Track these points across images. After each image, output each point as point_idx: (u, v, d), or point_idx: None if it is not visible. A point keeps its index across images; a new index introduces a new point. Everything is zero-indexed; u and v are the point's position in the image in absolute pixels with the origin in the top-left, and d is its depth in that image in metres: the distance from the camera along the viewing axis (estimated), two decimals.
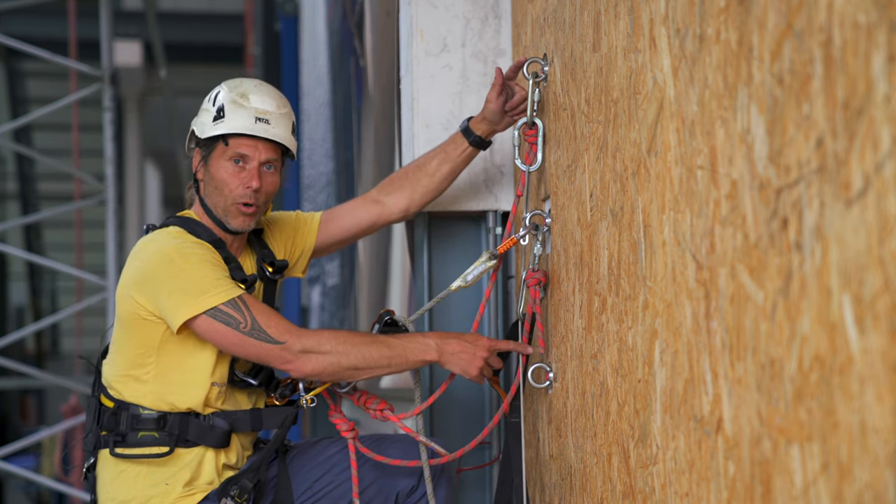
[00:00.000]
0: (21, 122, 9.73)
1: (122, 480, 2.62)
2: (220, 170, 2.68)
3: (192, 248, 2.60)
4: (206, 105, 2.73)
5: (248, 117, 2.69)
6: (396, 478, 2.73)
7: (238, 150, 2.67)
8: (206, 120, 2.70)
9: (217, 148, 2.68)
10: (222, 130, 2.67)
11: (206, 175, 2.70)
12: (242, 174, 2.67)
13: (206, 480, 2.63)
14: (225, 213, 2.69)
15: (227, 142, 2.68)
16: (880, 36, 1.18)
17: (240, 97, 2.70)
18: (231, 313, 2.54)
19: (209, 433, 2.62)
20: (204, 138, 2.69)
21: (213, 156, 2.69)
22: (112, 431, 2.62)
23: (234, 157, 2.67)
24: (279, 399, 2.73)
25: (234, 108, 2.69)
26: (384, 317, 2.67)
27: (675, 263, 1.77)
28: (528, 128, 2.64)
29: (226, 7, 11.64)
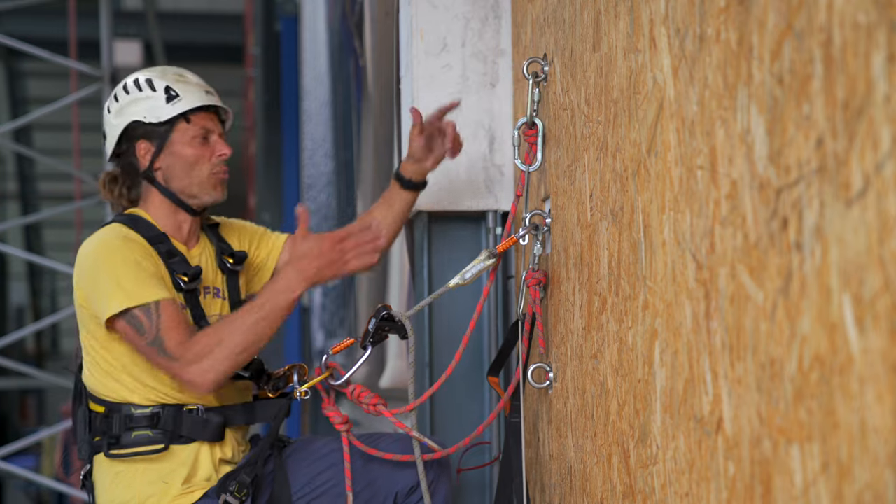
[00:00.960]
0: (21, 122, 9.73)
1: (120, 482, 2.61)
2: (187, 148, 2.71)
3: (121, 247, 2.59)
4: (140, 94, 2.72)
5: (199, 92, 2.75)
6: (395, 478, 2.73)
7: (204, 124, 2.73)
8: (156, 104, 2.70)
9: (177, 128, 2.71)
10: (184, 107, 2.70)
11: (168, 159, 2.71)
12: (210, 145, 2.74)
13: (204, 477, 2.63)
14: (200, 189, 2.73)
15: (188, 119, 2.71)
16: (880, 36, 1.18)
17: (178, 77, 2.75)
18: (142, 319, 2.55)
19: (203, 428, 2.63)
20: (158, 123, 2.69)
21: (174, 139, 2.71)
22: (105, 434, 2.62)
23: (199, 133, 2.72)
24: (272, 391, 2.73)
25: (183, 85, 2.74)
26: (381, 311, 2.67)
27: (675, 263, 1.77)
28: (528, 128, 2.64)
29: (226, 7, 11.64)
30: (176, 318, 2.55)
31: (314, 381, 2.69)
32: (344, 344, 2.73)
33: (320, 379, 2.69)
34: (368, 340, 2.66)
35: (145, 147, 2.72)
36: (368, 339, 2.66)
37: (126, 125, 2.72)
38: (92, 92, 8.29)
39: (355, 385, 2.71)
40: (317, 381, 2.69)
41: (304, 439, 2.83)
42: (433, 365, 3.08)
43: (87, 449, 2.64)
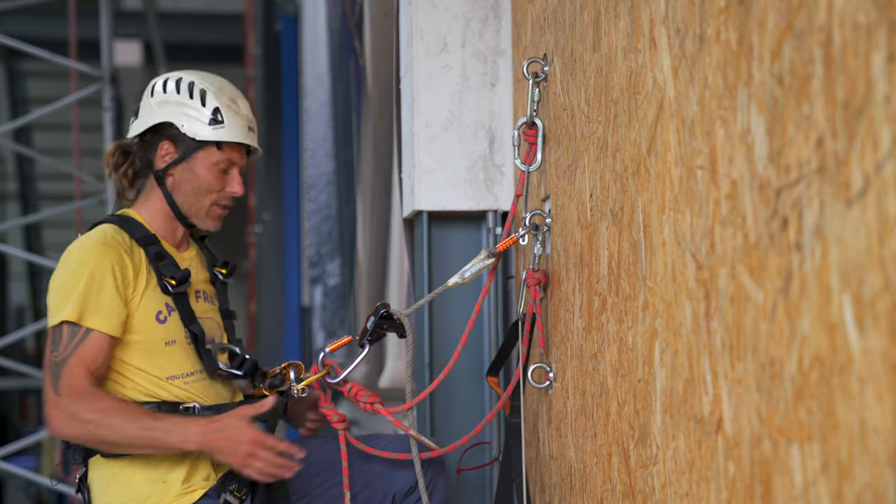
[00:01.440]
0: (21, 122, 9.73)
1: (117, 483, 2.59)
2: (205, 172, 2.70)
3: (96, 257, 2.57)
4: (189, 101, 2.70)
5: (243, 126, 2.74)
6: (393, 478, 2.73)
7: (231, 157, 2.72)
8: (199, 120, 2.69)
9: (206, 150, 2.70)
10: (224, 137, 2.69)
11: (184, 173, 2.70)
12: (227, 178, 2.73)
13: (203, 476, 2.63)
14: (200, 213, 2.73)
15: (220, 146, 2.69)
16: (880, 36, 1.18)
17: (231, 102, 2.73)
18: (63, 338, 2.52)
19: None
20: (192, 138, 2.68)
21: (198, 157, 2.70)
22: None
23: (221, 163, 2.70)
24: (267, 389, 2.72)
25: (231, 114, 2.72)
26: (380, 310, 2.67)
27: (675, 263, 1.77)
28: (528, 128, 2.64)
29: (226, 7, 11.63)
30: (92, 356, 2.51)
31: (311, 379, 2.68)
32: (341, 342, 2.72)
33: (317, 377, 2.69)
34: (367, 339, 2.66)
35: (167, 149, 2.71)
36: (366, 337, 2.66)
37: (161, 121, 2.70)
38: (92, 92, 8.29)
39: (352, 383, 2.70)
40: (313, 378, 2.68)
41: (300, 440, 2.82)
42: (433, 365, 3.08)
43: (82, 451, 2.62)
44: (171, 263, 2.67)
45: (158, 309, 2.62)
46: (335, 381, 2.69)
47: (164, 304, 2.63)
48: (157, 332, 2.61)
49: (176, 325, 2.64)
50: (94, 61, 8.58)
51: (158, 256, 2.66)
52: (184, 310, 2.66)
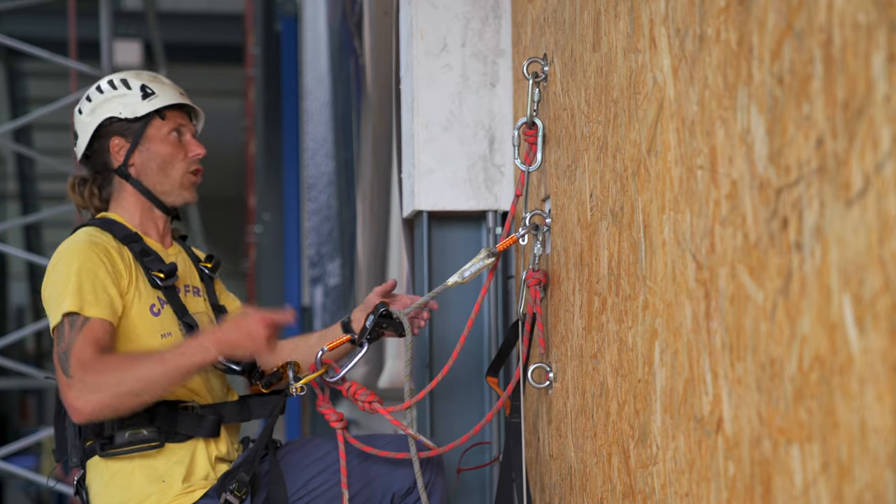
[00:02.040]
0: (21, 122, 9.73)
1: (116, 483, 2.59)
2: (161, 144, 2.74)
3: (83, 253, 2.57)
4: (115, 93, 2.74)
5: (174, 91, 2.80)
6: (391, 478, 2.72)
7: (178, 122, 2.76)
8: (132, 101, 2.73)
9: (152, 125, 2.74)
10: (160, 103, 2.74)
11: (143, 155, 2.73)
12: (184, 144, 2.77)
13: (202, 475, 2.62)
14: (173, 187, 2.75)
15: (163, 116, 2.75)
16: (880, 36, 1.18)
17: (153, 78, 2.80)
18: (65, 329, 2.51)
19: (199, 424, 2.62)
20: (135, 118, 2.71)
21: (148, 134, 2.74)
22: (98, 436, 2.59)
23: (173, 129, 2.75)
24: (265, 386, 2.72)
25: (158, 84, 2.78)
26: (379, 308, 2.67)
27: (675, 263, 1.77)
28: (528, 128, 2.64)
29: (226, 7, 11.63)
30: (95, 336, 2.49)
31: (309, 378, 2.68)
32: (339, 340, 2.72)
33: (315, 376, 2.68)
34: (365, 337, 2.66)
35: (119, 143, 2.73)
36: (365, 335, 2.66)
37: (100, 122, 2.73)
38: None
39: (351, 382, 2.70)
40: (312, 377, 2.68)
41: (296, 441, 2.82)
42: (433, 365, 3.08)
43: (79, 454, 2.61)
44: (156, 258, 2.68)
45: (151, 302, 2.63)
46: (333, 380, 2.69)
47: (155, 298, 2.64)
48: (152, 325, 2.61)
49: (170, 317, 2.64)
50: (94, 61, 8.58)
51: (143, 253, 2.67)
52: (175, 303, 2.67)
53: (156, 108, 2.72)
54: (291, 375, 2.70)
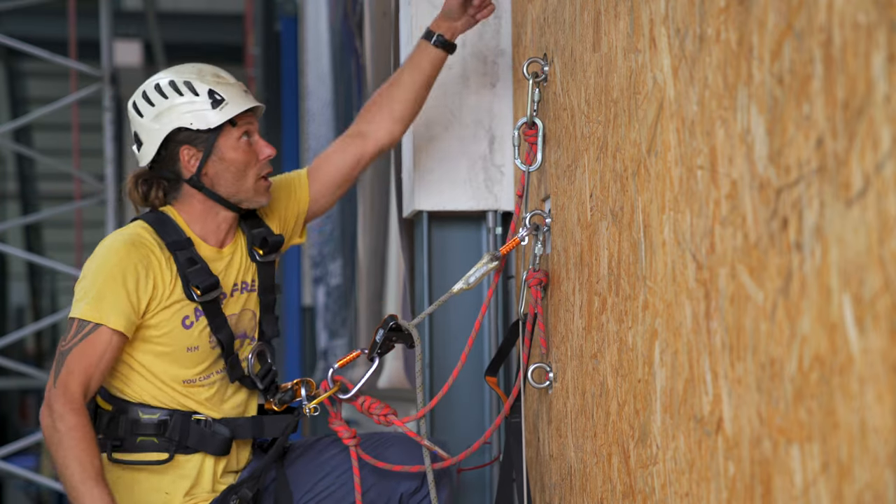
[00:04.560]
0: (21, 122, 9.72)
1: (118, 488, 2.58)
2: (234, 152, 2.63)
3: (119, 255, 2.55)
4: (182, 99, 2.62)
5: (240, 93, 2.67)
6: (399, 479, 2.72)
7: (247, 127, 2.66)
8: (203, 110, 2.61)
9: (224, 133, 2.62)
10: (232, 112, 2.62)
11: (217, 165, 2.63)
12: (255, 148, 2.67)
13: (206, 489, 2.62)
14: (248, 193, 2.66)
15: (234, 122, 2.64)
16: (880, 36, 1.18)
17: (216, 77, 2.66)
18: (73, 328, 2.52)
19: (210, 440, 2.60)
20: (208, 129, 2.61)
21: (221, 144, 2.62)
22: (110, 436, 2.60)
23: (243, 134, 2.64)
24: (278, 405, 2.70)
25: (224, 88, 2.65)
26: (389, 322, 2.65)
27: (675, 263, 1.77)
28: (528, 128, 2.64)
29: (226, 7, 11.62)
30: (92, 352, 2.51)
31: (323, 397, 2.64)
32: (350, 357, 2.69)
33: (329, 394, 2.65)
34: (376, 352, 2.65)
35: (190, 153, 2.63)
36: (376, 350, 2.64)
37: (170, 131, 2.62)
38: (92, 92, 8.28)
39: (365, 397, 2.68)
40: (325, 396, 2.64)
41: (302, 442, 2.81)
42: (433, 365, 3.08)
43: None
44: (201, 269, 2.60)
45: (185, 314, 2.59)
46: (347, 397, 2.67)
47: (192, 310, 2.59)
48: (181, 339, 2.59)
49: (202, 330, 2.61)
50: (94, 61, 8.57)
51: (189, 262, 2.59)
52: (213, 316, 2.62)
53: (228, 117, 2.61)
54: (304, 394, 2.68)
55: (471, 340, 2.67)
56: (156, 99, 2.65)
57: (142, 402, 2.59)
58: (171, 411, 2.59)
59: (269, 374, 2.70)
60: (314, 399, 2.66)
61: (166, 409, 2.59)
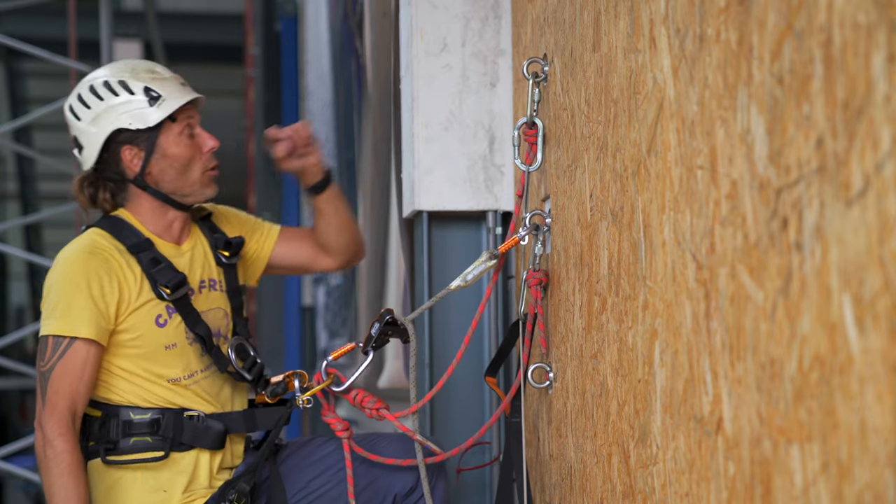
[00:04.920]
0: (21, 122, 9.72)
1: (118, 491, 2.58)
2: (178, 148, 2.64)
3: (79, 265, 2.55)
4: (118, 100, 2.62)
5: (177, 86, 2.67)
6: (393, 479, 2.72)
7: (185, 119, 2.66)
8: (140, 108, 2.61)
9: (164, 130, 2.63)
10: (171, 109, 2.63)
11: (160, 163, 2.64)
12: (198, 141, 2.67)
13: (203, 485, 2.62)
14: (194, 187, 2.68)
15: (174, 118, 2.64)
16: (880, 36, 1.18)
17: (150, 73, 2.66)
18: (49, 347, 2.52)
19: (204, 435, 2.60)
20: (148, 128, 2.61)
21: (160, 141, 2.63)
22: (102, 440, 2.59)
23: (184, 128, 2.65)
24: (270, 396, 2.71)
25: (160, 83, 2.65)
26: (385, 316, 2.66)
27: (675, 263, 1.77)
28: (528, 128, 2.64)
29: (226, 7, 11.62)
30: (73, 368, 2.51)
31: (316, 389, 2.66)
32: (344, 349, 2.71)
33: (322, 386, 2.66)
34: (371, 345, 2.65)
35: (132, 153, 2.64)
36: (371, 343, 2.65)
37: (109, 133, 2.62)
38: None
39: (357, 390, 2.69)
40: (318, 388, 2.66)
41: (297, 442, 2.81)
42: (433, 365, 3.08)
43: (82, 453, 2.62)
44: (166, 268, 2.61)
45: (158, 313, 2.60)
46: (340, 390, 2.67)
47: (163, 308, 2.61)
48: (156, 338, 2.59)
49: (177, 327, 2.62)
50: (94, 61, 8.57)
51: (153, 262, 2.60)
52: (186, 312, 2.63)
53: (167, 114, 2.62)
54: (297, 386, 2.69)
55: (467, 339, 2.67)
56: (91, 101, 2.64)
57: (131, 404, 2.59)
58: (162, 410, 2.59)
59: (256, 366, 2.70)
60: (307, 391, 2.67)
61: (157, 409, 2.59)
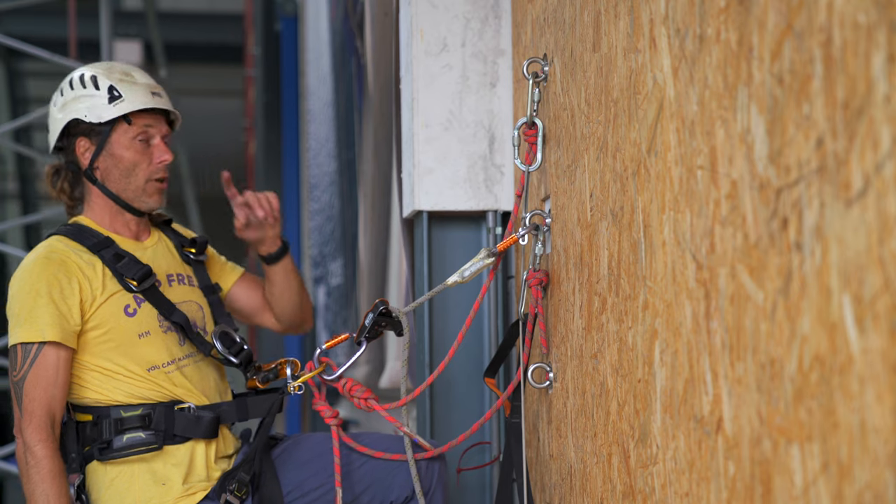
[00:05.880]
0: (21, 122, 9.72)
1: (117, 487, 2.59)
2: (126, 151, 2.67)
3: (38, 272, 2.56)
4: (84, 92, 2.68)
5: (144, 93, 2.70)
6: (390, 486, 2.71)
7: (143, 126, 2.68)
8: (98, 103, 2.66)
9: (118, 129, 2.67)
10: (127, 109, 2.66)
11: (108, 160, 2.68)
12: (151, 150, 2.70)
13: (201, 476, 2.62)
14: (138, 193, 2.70)
15: (129, 120, 2.67)
16: (880, 36, 1.18)
17: (124, 76, 2.71)
18: (18, 357, 2.53)
19: (196, 425, 2.61)
20: (98, 123, 2.66)
21: (112, 139, 2.67)
22: (96, 442, 2.59)
23: (139, 135, 2.68)
24: (262, 382, 2.72)
25: (127, 86, 2.68)
26: (378, 307, 2.66)
27: (675, 263, 1.77)
28: (528, 128, 2.64)
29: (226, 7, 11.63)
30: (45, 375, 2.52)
31: (307, 377, 2.67)
32: (338, 339, 2.72)
33: (313, 374, 2.67)
34: (364, 336, 2.65)
35: (85, 145, 2.69)
36: (364, 334, 2.65)
37: (67, 122, 2.68)
38: None
39: (347, 379, 2.69)
40: (309, 376, 2.67)
41: (293, 438, 2.81)
42: (433, 365, 3.08)
43: (78, 460, 2.62)
44: (130, 262, 2.64)
45: (126, 303, 2.62)
46: (331, 378, 2.68)
47: (131, 298, 2.63)
48: (128, 327, 2.60)
49: (148, 315, 2.63)
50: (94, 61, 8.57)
51: (116, 258, 2.63)
52: (158, 302, 2.64)
53: (121, 113, 2.66)
54: (289, 373, 2.70)
55: (461, 335, 2.67)
56: (65, 90, 2.72)
57: (119, 402, 2.59)
58: (152, 405, 2.59)
59: (243, 352, 2.71)
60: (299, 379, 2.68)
61: (147, 403, 2.60)
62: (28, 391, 2.51)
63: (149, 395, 2.61)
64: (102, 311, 2.59)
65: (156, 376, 2.61)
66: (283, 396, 2.71)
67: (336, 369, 2.69)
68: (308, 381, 2.69)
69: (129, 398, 2.60)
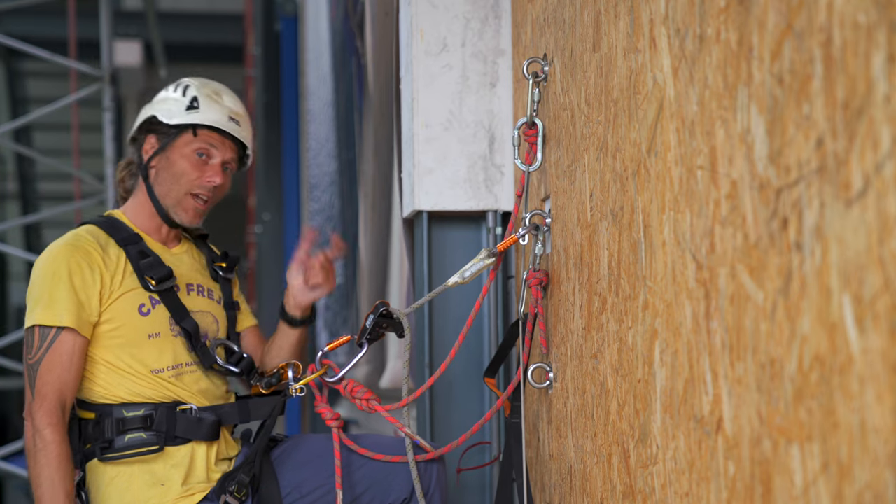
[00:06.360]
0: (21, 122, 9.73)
1: (116, 486, 2.59)
2: (181, 159, 2.71)
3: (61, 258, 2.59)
4: (172, 94, 2.75)
5: (222, 113, 2.74)
6: (389, 487, 2.71)
7: (207, 142, 2.71)
8: (176, 107, 2.72)
9: (182, 137, 2.71)
10: (196, 119, 2.71)
11: (163, 162, 2.72)
12: (205, 167, 2.72)
13: (201, 478, 2.62)
14: (176, 203, 2.72)
15: (196, 132, 2.70)
16: (880, 36, 1.18)
17: (213, 94, 2.76)
18: (35, 340, 2.55)
19: (197, 427, 2.62)
20: (169, 124, 2.70)
21: (175, 144, 2.71)
22: (98, 440, 2.60)
23: (199, 150, 2.71)
24: (265, 387, 2.72)
25: (209, 102, 2.74)
26: (379, 308, 2.67)
27: (675, 263, 1.77)
28: (528, 128, 2.64)
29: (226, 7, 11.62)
30: (60, 361, 2.53)
31: (309, 379, 2.68)
32: (339, 341, 2.72)
33: (315, 376, 2.68)
34: (365, 337, 2.66)
35: (151, 142, 2.74)
36: (365, 335, 2.66)
37: (147, 116, 2.75)
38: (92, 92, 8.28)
39: (349, 380, 2.70)
40: (311, 378, 2.68)
41: (293, 439, 2.81)
42: (433, 365, 3.08)
43: (79, 457, 2.62)
44: (154, 262, 2.66)
45: (141, 302, 2.63)
46: (333, 380, 2.69)
47: (147, 298, 2.64)
48: (139, 325, 2.61)
49: (161, 317, 2.64)
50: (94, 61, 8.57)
51: (141, 255, 2.66)
52: (173, 305, 2.65)
53: (190, 122, 2.70)
54: (291, 376, 2.70)
55: (462, 336, 2.67)
56: (165, 90, 2.81)
57: (122, 400, 2.60)
58: (154, 405, 2.60)
59: (244, 360, 2.72)
60: (301, 381, 2.68)
61: (150, 404, 2.60)
62: (42, 374, 2.53)
63: (151, 395, 2.61)
64: (117, 307, 2.60)
65: (159, 378, 2.62)
66: (284, 399, 2.71)
67: (337, 371, 2.69)
68: (310, 383, 2.69)
69: (132, 396, 2.60)
